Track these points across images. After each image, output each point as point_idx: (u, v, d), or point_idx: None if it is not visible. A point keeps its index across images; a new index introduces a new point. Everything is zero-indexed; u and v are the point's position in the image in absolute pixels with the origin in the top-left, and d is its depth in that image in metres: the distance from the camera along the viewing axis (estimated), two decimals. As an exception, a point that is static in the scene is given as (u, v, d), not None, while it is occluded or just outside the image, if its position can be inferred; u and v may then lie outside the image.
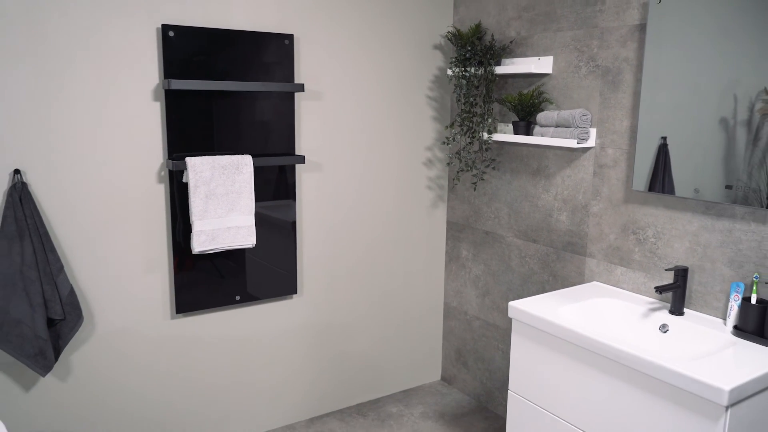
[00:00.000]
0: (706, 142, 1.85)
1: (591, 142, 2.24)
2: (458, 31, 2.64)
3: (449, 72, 2.66)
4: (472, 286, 2.91)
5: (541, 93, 2.41)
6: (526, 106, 2.42)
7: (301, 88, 2.38)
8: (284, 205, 2.51)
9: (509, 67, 2.45)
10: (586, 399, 1.79)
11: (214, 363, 2.47)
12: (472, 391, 2.99)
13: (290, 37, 2.39)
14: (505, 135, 2.50)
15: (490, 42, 2.57)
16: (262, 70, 2.35)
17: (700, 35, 1.85)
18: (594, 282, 2.29)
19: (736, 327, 1.79)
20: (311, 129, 2.55)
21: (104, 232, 2.16)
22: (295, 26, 2.44)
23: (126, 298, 2.24)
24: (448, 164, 2.86)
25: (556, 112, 2.28)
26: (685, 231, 1.99)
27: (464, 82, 2.58)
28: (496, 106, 2.66)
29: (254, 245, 2.36)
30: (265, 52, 2.34)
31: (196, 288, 2.34)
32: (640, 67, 2.07)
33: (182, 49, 2.17)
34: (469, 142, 2.67)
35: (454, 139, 2.71)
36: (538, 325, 1.91)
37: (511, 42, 2.55)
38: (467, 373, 3.00)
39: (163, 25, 2.12)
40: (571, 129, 2.22)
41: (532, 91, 2.42)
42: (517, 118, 2.52)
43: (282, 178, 2.48)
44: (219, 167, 2.22)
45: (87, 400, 2.22)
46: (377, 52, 2.67)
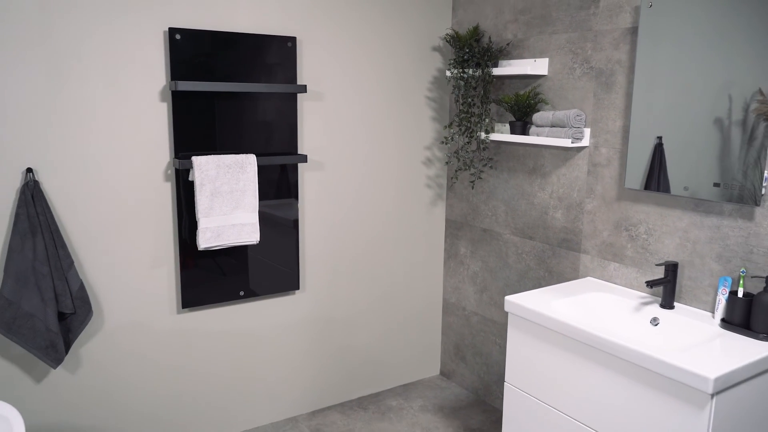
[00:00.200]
0: (701, 141, 1.91)
1: (585, 142, 2.31)
2: (456, 33, 2.70)
3: (448, 73, 2.73)
4: (470, 283, 2.97)
5: (536, 94, 2.47)
6: (523, 107, 2.48)
7: (304, 89, 2.44)
8: (287, 204, 2.57)
9: (506, 68, 2.51)
10: (579, 389, 1.86)
11: (218, 356, 2.54)
12: (470, 385, 3.05)
13: (293, 40, 2.45)
14: (502, 135, 2.56)
15: (487, 44, 2.63)
16: (265, 71, 2.41)
17: (693, 38, 1.90)
18: (588, 277, 2.36)
19: (723, 320, 1.85)
20: (313, 129, 2.61)
21: (113, 229, 2.23)
22: (298, 29, 2.50)
23: (134, 293, 2.30)
24: (447, 163, 2.92)
25: (552, 113, 2.34)
26: (675, 227, 2.05)
27: (462, 83, 2.64)
28: (493, 107, 2.72)
29: (258, 242, 2.43)
30: (268, 54, 2.40)
31: (201, 283, 2.40)
32: (632, 68, 2.13)
33: (189, 51, 2.23)
34: (467, 142, 2.73)
35: (453, 139, 2.77)
36: (533, 319, 1.97)
37: (508, 44, 2.61)
38: (465, 368, 3.06)
39: (170, 29, 2.19)
40: (565, 129, 2.28)
41: (528, 92, 2.49)
42: (513, 119, 2.58)
43: (284, 177, 2.54)
44: (224, 166, 2.29)
45: (96, 391, 2.28)
46: (378, 54, 2.73)
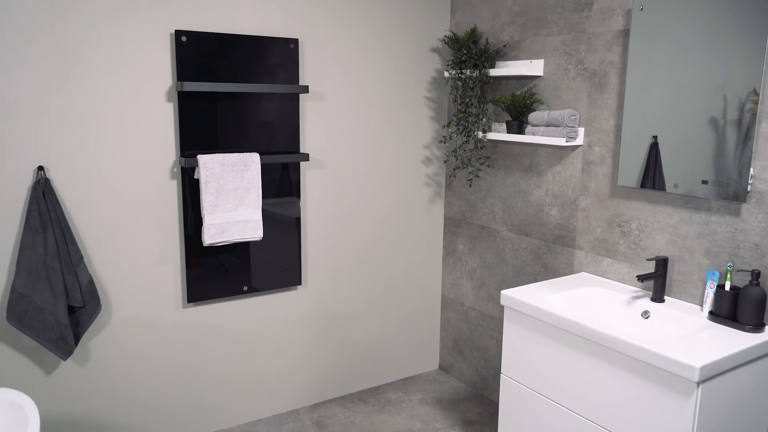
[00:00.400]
0: (694, 140, 1.96)
1: (579, 141, 2.37)
2: (455, 35, 2.76)
3: (446, 74, 2.79)
4: (468, 279, 3.03)
5: (532, 94, 2.53)
6: (519, 107, 2.55)
7: (306, 89, 2.50)
8: (289, 202, 2.63)
9: (503, 69, 2.57)
10: (572, 380, 1.92)
11: (222, 350, 2.60)
12: (468, 379, 3.11)
13: (295, 41, 2.51)
14: (499, 134, 2.62)
15: (484, 45, 2.69)
16: (268, 72, 2.47)
17: (686, 40, 1.96)
18: (582, 272, 2.42)
19: (711, 312, 1.91)
20: (315, 129, 2.67)
21: (120, 225, 2.29)
22: (300, 31, 2.56)
23: (141, 288, 2.37)
24: (445, 162, 2.99)
25: (547, 112, 2.40)
26: (666, 224, 2.12)
27: (460, 83, 2.70)
28: (490, 107, 2.79)
29: (261, 238, 2.49)
30: (271, 56, 2.47)
31: (206, 279, 2.47)
32: (624, 70, 2.20)
33: (194, 53, 2.30)
34: (465, 141, 2.79)
35: (451, 138, 2.84)
36: (529, 312, 2.03)
37: (505, 46, 2.67)
38: (463, 362, 3.12)
39: (176, 31, 2.25)
40: (560, 128, 2.34)
41: (524, 92, 2.55)
42: (510, 118, 2.64)
43: (287, 176, 2.60)
44: (228, 164, 2.35)
45: (104, 382, 2.35)
46: (378, 55, 2.79)
